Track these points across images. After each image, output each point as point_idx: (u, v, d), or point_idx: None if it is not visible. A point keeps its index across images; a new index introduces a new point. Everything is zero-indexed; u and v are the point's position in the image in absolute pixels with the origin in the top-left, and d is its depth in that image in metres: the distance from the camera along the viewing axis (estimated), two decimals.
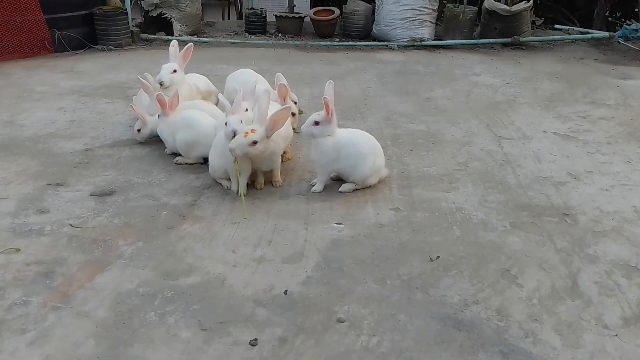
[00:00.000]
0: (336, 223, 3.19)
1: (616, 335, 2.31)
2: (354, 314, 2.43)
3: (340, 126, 4.77)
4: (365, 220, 3.23)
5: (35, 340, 2.24)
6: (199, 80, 4.82)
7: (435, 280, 2.66)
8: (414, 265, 2.79)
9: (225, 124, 3.34)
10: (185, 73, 4.84)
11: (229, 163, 3.39)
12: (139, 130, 4.28)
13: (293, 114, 3.96)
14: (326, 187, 3.64)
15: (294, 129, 3.98)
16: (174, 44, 4.49)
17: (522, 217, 3.26)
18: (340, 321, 2.38)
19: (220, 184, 3.62)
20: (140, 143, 4.35)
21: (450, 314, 2.43)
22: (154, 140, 4.42)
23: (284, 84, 3.94)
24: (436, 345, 2.25)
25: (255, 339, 2.26)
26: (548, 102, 5.56)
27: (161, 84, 4.32)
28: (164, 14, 8.46)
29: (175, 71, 4.40)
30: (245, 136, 3.23)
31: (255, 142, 3.24)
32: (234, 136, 3.26)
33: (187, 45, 4.45)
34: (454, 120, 4.98)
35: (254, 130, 3.25)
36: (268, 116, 3.29)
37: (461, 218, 3.25)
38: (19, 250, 2.86)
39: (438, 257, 2.85)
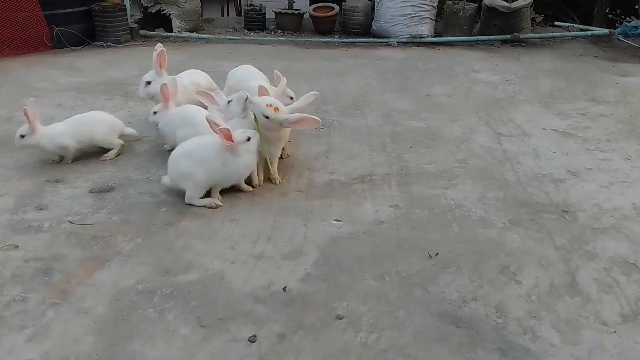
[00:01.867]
0: (335, 220, 3.19)
1: (615, 332, 2.32)
2: (353, 310, 2.43)
3: (339, 123, 4.80)
4: (364, 217, 3.22)
5: (34, 337, 2.24)
6: (200, 77, 4.73)
7: (434, 277, 2.66)
8: (413, 262, 2.79)
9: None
10: (185, 69, 4.82)
11: (235, 170, 3.35)
12: (22, 136, 3.75)
13: (291, 98, 3.95)
14: (325, 184, 3.64)
15: None
16: (157, 47, 4.26)
17: (521, 214, 3.26)
18: (339, 318, 2.38)
19: (204, 206, 3.31)
20: (138, 140, 4.33)
21: (449, 311, 2.43)
22: (153, 136, 4.41)
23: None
24: (435, 342, 2.25)
25: (254, 336, 2.26)
26: (548, 99, 5.55)
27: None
28: (162, 10, 8.43)
29: (149, 83, 4.27)
30: (268, 106, 3.35)
31: (267, 117, 3.36)
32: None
33: (158, 50, 4.19)
34: (453, 117, 4.97)
35: (278, 110, 3.39)
36: (298, 115, 3.45)
37: (460, 215, 3.25)
38: (18, 246, 2.86)
39: (437, 254, 2.85)
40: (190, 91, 4.42)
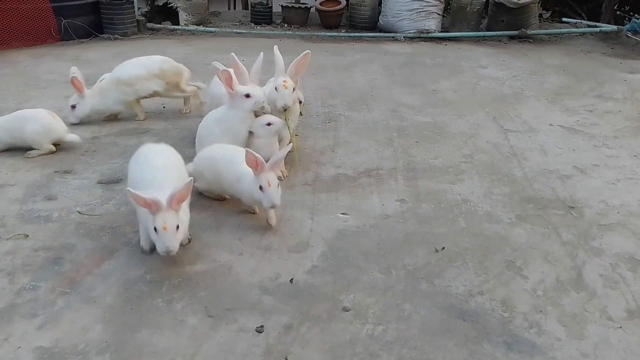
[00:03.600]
0: (342, 213, 3.20)
1: (620, 327, 2.32)
2: (360, 303, 2.45)
3: (346, 117, 4.80)
4: (371, 211, 3.23)
5: (44, 325, 2.26)
6: (130, 71, 4.45)
7: (440, 271, 2.68)
8: (419, 255, 2.80)
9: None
10: (192, 63, 4.79)
11: (237, 143, 3.38)
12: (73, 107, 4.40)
13: (300, 102, 3.93)
14: (331, 178, 3.65)
15: (301, 113, 3.97)
16: (72, 71, 4.29)
17: (528, 210, 3.27)
18: (346, 310, 2.40)
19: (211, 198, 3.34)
20: (146, 132, 4.37)
21: (455, 304, 2.44)
22: (161, 129, 4.44)
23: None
24: (441, 335, 2.26)
25: (262, 326, 2.28)
26: (555, 95, 5.54)
27: None
28: (170, 3, 8.45)
29: (74, 107, 4.38)
30: (284, 87, 3.46)
31: (294, 89, 3.52)
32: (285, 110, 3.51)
33: (71, 77, 4.26)
34: (460, 112, 4.97)
35: (285, 81, 3.49)
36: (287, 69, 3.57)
37: (467, 210, 3.25)
38: (27, 236, 2.89)
39: (443, 248, 2.86)
40: (113, 91, 4.42)
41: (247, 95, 3.40)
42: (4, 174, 3.58)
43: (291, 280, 2.58)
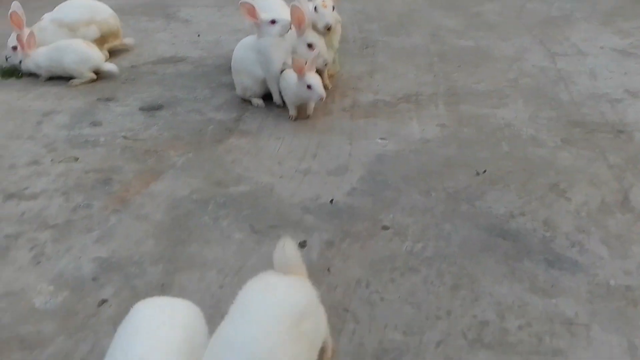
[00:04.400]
0: (380, 139, 3.18)
1: None
2: (399, 222, 2.48)
3: (384, 42, 4.64)
4: (410, 136, 3.20)
5: (100, 238, 2.40)
6: (67, 13, 4.23)
7: (481, 193, 2.66)
8: (460, 179, 2.78)
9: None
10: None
11: (272, 72, 3.43)
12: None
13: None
14: (369, 104, 3.60)
15: None
16: (13, 6, 3.87)
17: (575, 134, 3.16)
18: (385, 228, 2.44)
19: (250, 101, 3.61)
20: (183, 61, 4.36)
21: (495, 224, 2.44)
22: (197, 58, 4.43)
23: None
24: (480, 252, 2.28)
25: (305, 241, 2.35)
26: (607, 17, 5.17)
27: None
28: None
29: (15, 48, 4.02)
30: (324, 6, 3.44)
31: (333, 8, 3.52)
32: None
33: (10, 12, 3.86)
34: (504, 36, 4.73)
35: (324, 0, 3.49)
36: None
37: (510, 134, 3.17)
38: (77, 159, 3.01)
39: (485, 171, 2.82)
40: (53, 32, 4.13)
41: (272, 22, 3.32)
42: (50, 102, 3.69)
43: (331, 201, 2.63)
